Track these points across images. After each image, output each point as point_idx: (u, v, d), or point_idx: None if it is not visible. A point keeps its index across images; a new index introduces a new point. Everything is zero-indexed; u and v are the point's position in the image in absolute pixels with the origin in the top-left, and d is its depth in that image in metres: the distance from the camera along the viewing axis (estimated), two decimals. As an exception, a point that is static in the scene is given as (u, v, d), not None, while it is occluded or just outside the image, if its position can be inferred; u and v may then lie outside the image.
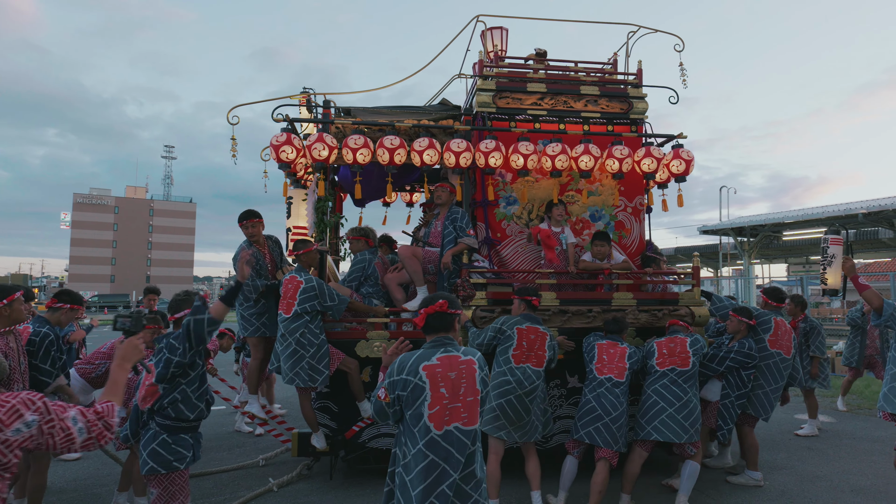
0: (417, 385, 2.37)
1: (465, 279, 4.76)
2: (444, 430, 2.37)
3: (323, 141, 4.66)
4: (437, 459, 2.35)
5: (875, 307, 3.76)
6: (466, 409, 2.41)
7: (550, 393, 5.03)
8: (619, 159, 5.11)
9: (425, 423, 2.36)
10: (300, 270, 4.55)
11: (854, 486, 4.75)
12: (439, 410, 2.37)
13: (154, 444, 3.13)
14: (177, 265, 78.42)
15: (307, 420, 4.60)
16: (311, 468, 5.15)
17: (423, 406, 2.36)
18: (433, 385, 2.38)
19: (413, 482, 2.35)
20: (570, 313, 4.91)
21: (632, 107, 5.59)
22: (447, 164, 4.89)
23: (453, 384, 2.40)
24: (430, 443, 2.36)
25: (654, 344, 4.43)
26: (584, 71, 5.73)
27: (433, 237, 5.16)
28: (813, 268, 28.62)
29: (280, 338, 4.47)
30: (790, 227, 19.86)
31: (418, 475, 2.34)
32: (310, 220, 5.31)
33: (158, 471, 3.11)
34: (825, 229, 19.68)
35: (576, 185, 5.49)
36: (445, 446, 2.36)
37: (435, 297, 2.57)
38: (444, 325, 2.52)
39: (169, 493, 3.14)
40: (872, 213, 16.37)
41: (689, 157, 5.31)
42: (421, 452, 2.35)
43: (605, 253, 5.11)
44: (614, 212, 5.54)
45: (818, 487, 4.73)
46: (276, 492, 4.63)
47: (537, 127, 5.38)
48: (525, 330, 4.12)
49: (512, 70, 5.59)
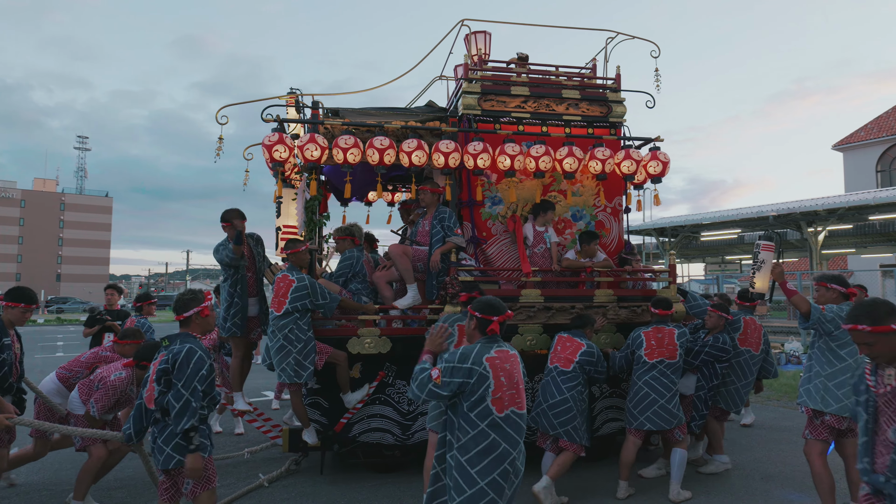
0: (482, 374, 2.70)
1: (454, 277, 4.87)
2: (504, 413, 2.70)
3: (315, 141, 4.71)
4: (498, 439, 2.67)
5: (803, 312, 3.83)
6: (520, 395, 2.78)
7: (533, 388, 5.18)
8: (602, 161, 5.30)
9: (488, 406, 2.68)
10: (291, 269, 4.60)
11: (764, 474, 5.07)
12: (501, 396, 2.70)
13: (178, 439, 3.13)
14: (91, 263, 72.38)
15: (298, 416, 4.64)
16: (299, 463, 5.23)
17: (486, 392, 2.69)
18: (495, 374, 2.72)
19: (472, 461, 2.64)
20: (555, 310, 5.07)
21: (611, 110, 5.79)
22: (436, 164, 4.99)
23: (509, 374, 2.76)
24: (492, 424, 2.68)
25: (641, 333, 4.63)
26: (565, 75, 5.92)
27: (420, 236, 5.25)
28: (728, 267, 30.15)
29: (270, 334, 4.53)
30: (708, 227, 20.70)
31: (479, 455, 2.64)
32: (300, 220, 5.34)
33: (185, 462, 3.13)
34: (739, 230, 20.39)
35: (558, 186, 5.66)
36: (506, 428, 2.69)
37: (501, 305, 2.92)
38: (503, 329, 2.92)
39: (205, 478, 3.22)
40: (782, 215, 17.20)
41: (666, 159, 5.54)
42: (483, 433, 2.66)
43: (592, 252, 5.30)
44: (595, 212, 5.73)
45: (733, 476, 5.01)
46: (267, 486, 4.66)
47: (521, 129, 5.53)
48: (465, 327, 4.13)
49: (496, 73, 5.73)
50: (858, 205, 16.21)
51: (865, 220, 18.32)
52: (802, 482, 4.77)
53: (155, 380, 3.15)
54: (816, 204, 17.58)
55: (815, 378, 3.82)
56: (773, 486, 4.78)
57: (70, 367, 4.55)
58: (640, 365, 4.56)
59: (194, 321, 3.35)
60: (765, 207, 18.88)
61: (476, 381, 2.68)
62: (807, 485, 4.60)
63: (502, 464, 2.66)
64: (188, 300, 3.36)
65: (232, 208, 4.98)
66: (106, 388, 4.10)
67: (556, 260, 5.25)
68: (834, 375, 3.75)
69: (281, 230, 5.40)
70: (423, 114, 5.51)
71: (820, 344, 3.85)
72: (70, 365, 4.57)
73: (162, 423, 3.18)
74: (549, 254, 5.30)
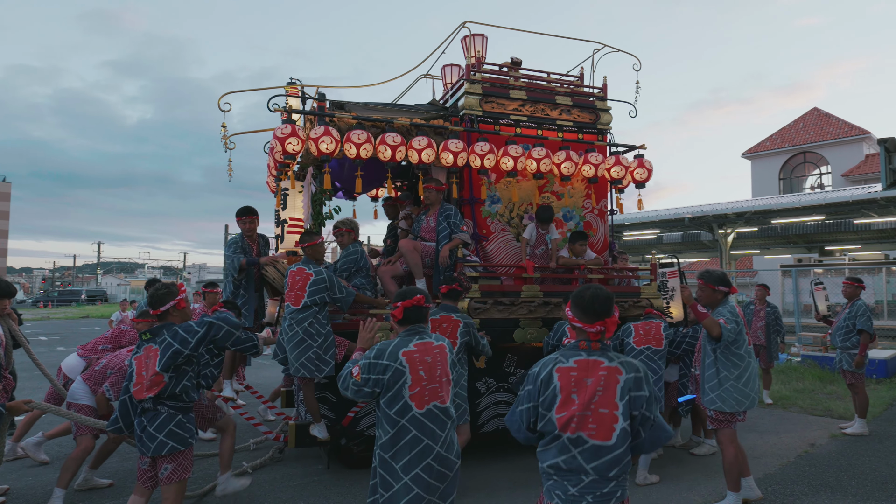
0: (398, 369, 2.60)
1: (462, 272, 5.01)
2: (425, 408, 2.61)
3: (329, 134, 4.67)
4: (419, 435, 2.58)
5: (714, 336, 4.01)
6: (442, 388, 2.68)
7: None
8: (595, 165, 5.63)
9: (406, 402, 2.59)
10: (307, 262, 4.55)
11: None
12: (419, 391, 2.61)
13: (171, 426, 3.25)
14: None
15: (310, 410, 4.61)
16: (282, 451, 5.32)
17: (403, 388, 2.59)
18: (412, 369, 2.61)
19: (396, 457, 2.57)
20: (553, 304, 5.35)
21: (598, 118, 6.14)
22: (444, 163, 5.10)
23: (430, 367, 2.65)
24: (412, 420, 2.58)
25: (631, 326, 5.04)
26: (556, 82, 6.20)
27: (425, 232, 5.35)
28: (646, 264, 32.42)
29: (286, 328, 4.46)
30: (629, 228, 22.03)
31: (402, 451, 2.57)
32: (306, 213, 5.27)
33: (178, 449, 3.27)
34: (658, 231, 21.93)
35: (551, 188, 5.94)
36: (427, 423, 2.60)
37: (411, 290, 2.84)
38: (420, 316, 2.80)
39: (182, 467, 3.33)
40: (696, 217, 18.67)
41: (650, 166, 5.95)
42: (403, 429, 2.58)
43: (582, 251, 5.62)
44: (583, 213, 6.07)
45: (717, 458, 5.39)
46: (250, 473, 4.80)
47: (518, 132, 5.74)
48: (438, 320, 4.15)
49: (494, 76, 5.90)
50: (763, 209, 17.77)
51: (769, 224, 20.18)
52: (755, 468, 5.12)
53: (161, 371, 3.18)
54: (727, 207, 19.10)
55: (725, 382, 4.09)
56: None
57: (94, 345, 4.81)
58: (629, 352, 4.95)
59: (171, 314, 3.40)
60: (681, 210, 20.30)
61: (391, 376, 2.59)
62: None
63: (425, 459, 2.58)
64: (163, 294, 3.40)
65: (246, 206, 4.97)
66: (121, 372, 4.18)
67: (555, 258, 5.53)
68: (740, 376, 4.09)
69: (287, 223, 5.29)
70: (427, 112, 5.58)
71: (722, 351, 4.12)
72: (94, 343, 4.82)
73: (153, 412, 3.25)
74: (547, 255, 5.59)
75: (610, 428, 2.20)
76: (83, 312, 32.30)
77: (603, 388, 2.23)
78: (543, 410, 2.27)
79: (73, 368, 4.81)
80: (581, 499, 2.19)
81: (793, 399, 7.91)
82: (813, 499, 4.35)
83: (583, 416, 2.21)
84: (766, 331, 7.99)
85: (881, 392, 8.24)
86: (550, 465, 2.25)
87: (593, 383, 2.24)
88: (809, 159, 27.83)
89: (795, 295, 14.78)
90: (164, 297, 3.39)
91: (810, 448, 5.68)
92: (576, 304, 2.35)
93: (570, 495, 2.20)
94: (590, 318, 2.29)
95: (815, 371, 9.73)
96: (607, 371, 2.26)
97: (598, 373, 2.26)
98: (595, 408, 2.22)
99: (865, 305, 6.32)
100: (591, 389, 2.23)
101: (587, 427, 2.21)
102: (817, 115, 28.66)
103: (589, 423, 2.21)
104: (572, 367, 2.28)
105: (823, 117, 28.36)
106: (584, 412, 2.21)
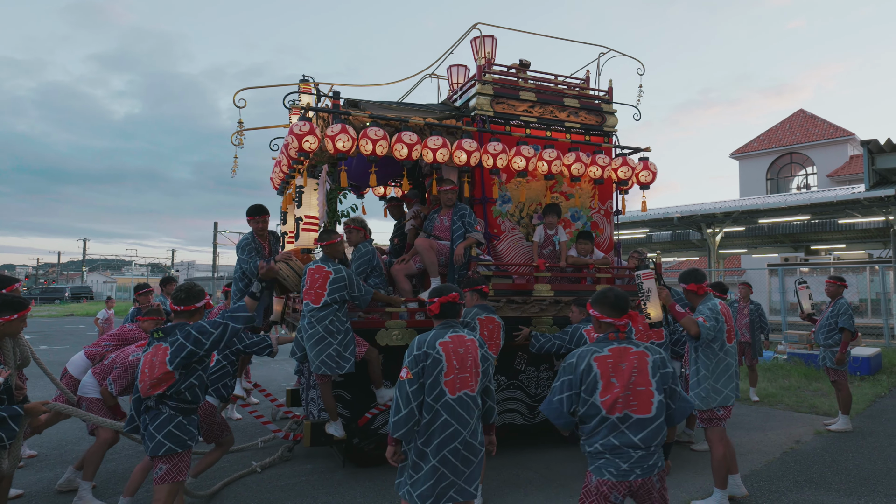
0: (436, 357, 2.85)
1: (476, 271, 5.10)
2: (456, 395, 2.85)
3: (346, 132, 4.71)
4: (450, 419, 2.81)
5: (693, 334, 4.10)
6: (473, 378, 2.91)
7: (539, 376, 5.56)
8: (602, 167, 5.74)
9: (441, 388, 2.82)
10: (326, 261, 4.60)
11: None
12: (453, 379, 2.85)
13: (170, 427, 3.22)
14: (-34, 251, 64.86)
15: (328, 408, 4.66)
16: (291, 450, 5.37)
17: (440, 375, 2.83)
18: (448, 358, 2.86)
19: (428, 440, 2.80)
20: (563, 303, 5.46)
21: (605, 120, 6.25)
22: (457, 162, 5.17)
23: (462, 358, 2.89)
24: (445, 405, 2.82)
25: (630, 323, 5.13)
26: (564, 84, 6.29)
27: (439, 231, 5.41)
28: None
29: (306, 325, 4.49)
30: (620, 227, 22.19)
31: (434, 433, 2.80)
32: (321, 210, 5.31)
33: (175, 450, 3.24)
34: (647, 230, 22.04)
35: (559, 188, 6.04)
36: (458, 409, 2.84)
37: (447, 287, 3.08)
38: (454, 312, 3.05)
39: (178, 469, 3.30)
40: (685, 217, 18.96)
41: (655, 169, 6.08)
42: (437, 414, 2.81)
43: (588, 250, 5.73)
44: (590, 213, 6.19)
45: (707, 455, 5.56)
46: (259, 472, 4.90)
47: (528, 132, 5.83)
48: (484, 320, 4.32)
49: (504, 77, 5.98)
50: (750, 209, 18.05)
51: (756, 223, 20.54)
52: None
53: (173, 369, 3.17)
54: (715, 207, 19.36)
55: (704, 381, 4.21)
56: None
57: (98, 343, 4.82)
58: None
59: (200, 312, 3.45)
60: (670, 209, 20.56)
61: (431, 363, 2.83)
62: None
63: (453, 442, 2.80)
64: (199, 292, 3.46)
65: (253, 205, 4.99)
66: (124, 367, 4.26)
67: (564, 258, 5.63)
68: (715, 372, 4.19)
69: (303, 220, 5.32)
70: (440, 111, 5.64)
71: (703, 349, 4.22)
72: (98, 342, 4.84)
73: (154, 411, 3.25)
74: (555, 254, 5.68)
75: (648, 402, 2.59)
76: (68, 310, 31.73)
77: (637, 369, 2.62)
78: (586, 396, 2.60)
79: (78, 367, 4.80)
80: (631, 472, 2.54)
81: (779, 396, 8.08)
82: (797, 495, 4.45)
83: (626, 396, 2.57)
84: (750, 328, 8.16)
85: (864, 389, 8.45)
86: (602, 445, 2.57)
87: (628, 367, 2.62)
88: (796, 160, 28.32)
89: (782, 293, 15.09)
90: (200, 294, 3.43)
91: (795, 445, 5.82)
92: (603, 304, 2.75)
93: (622, 471, 2.54)
94: (617, 312, 2.71)
95: (800, 368, 9.95)
96: (637, 355, 2.66)
97: (629, 357, 2.64)
98: (634, 387, 2.59)
99: (847, 304, 6.49)
100: (627, 372, 2.60)
101: (630, 405, 2.57)
102: (803, 116, 29.16)
103: (631, 401, 2.58)
104: (608, 355, 2.64)
105: (809, 119, 28.86)
106: (625, 392, 2.57)
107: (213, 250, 33.11)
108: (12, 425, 3.17)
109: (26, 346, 3.85)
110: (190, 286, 3.50)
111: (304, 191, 5.36)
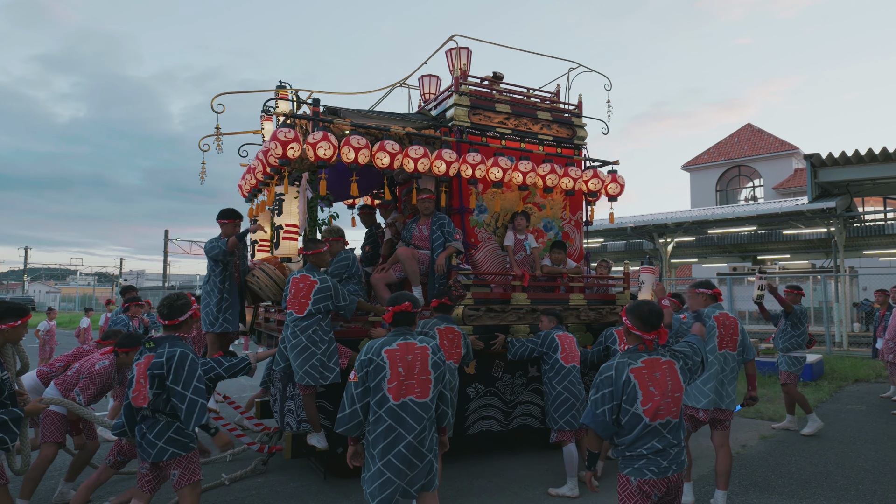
0: (379, 364, 2.99)
1: (456, 280, 5.18)
2: (400, 401, 2.97)
3: (328, 140, 4.72)
4: (393, 424, 2.95)
5: (665, 323, 4.16)
6: (419, 385, 3.03)
7: (514, 382, 5.67)
8: (574, 179, 5.94)
9: (385, 394, 2.96)
10: (312, 270, 4.58)
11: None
12: (397, 385, 2.97)
13: (170, 433, 3.29)
14: None
15: (310, 419, 4.60)
16: (265, 463, 5.30)
17: (383, 381, 2.97)
18: (392, 365, 2.99)
19: (374, 442, 2.97)
20: (539, 311, 5.59)
21: (575, 133, 6.47)
22: (436, 172, 5.25)
23: (409, 365, 3.01)
24: (388, 411, 2.96)
25: (613, 332, 5.31)
26: (536, 97, 6.48)
27: (417, 240, 5.47)
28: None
29: (289, 336, 4.46)
30: None
31: (378, 437, 2.96)
32: (301, 219, 5.28)
33: (180, 454, 3.32)
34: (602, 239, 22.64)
35: (532, 199, 6.20)
36: (401, 414, 2.97)
37: (402, 297, 3.22)
38: (408, 320, 3.19)
39: (190, 470, 3.37)
40: (638, 227, 19.67)
41: (623, 181, 6.33)
42: (380, 419, 2.96)
43: (561, 259, 5.90)
44: (562, 224, 6.37)
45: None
46: (227, 485, 4.80)
47: (503, 144, 5.97)
48: (444, 330, 4.38)
49: (480, 89, 6.12)
50: (700, 219, 18.83)
51: (706, 234, 21.40)
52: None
53: (149, 384, 3.21)
54: (667, 217, 20.08)
55: (711, 380, 4.31)
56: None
57: (52, 364, 4.69)
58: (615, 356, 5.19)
59: (187, 324, 3.47)
60: (624, 220, 21.22)
61: (373, 369, 2.97)
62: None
63: (397, 447, 2.93)
64: (182, 304, 3.44)
65: (229, 208, 4.95)
66: (91, 377, 4.27)
67: (538, 266, 5.78)
68: (707, 379, 4.31)
69: (283, 229, 5.27)
70: (419, 121, 5.72)
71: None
72: (52, 363, 4.72)
73: (151, 420, 3.30)
74: (527, 260, 5.82)
75: (679, 406, 2.81)
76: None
77: (671, 377, 2.80)
78: (626, 406, 2.74)
79: (32, 389, 4.57)
80: (669, 469, 2.74)
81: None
82: (743, 498, 4.54)
83: (665, 403, 2.75)
84: None
85: (807, 394, 8.74)
86: (647, 449, 2.74)
87: (662, 376, 2.78)
88: (744, 172, 29.68)
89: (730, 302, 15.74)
90: (183, 308, 3.40)
91: (741, 449, 5.98)
92: (636, 317, 2.86)
93: (662, 468, 2.74)
94: (647, 328, 2.83)
95: (748, 375, 10.29)
96: (667, 364, 2.83)
97: (661, 367, 2.81)
98: (671, 393, 2.78)
99: (804, 310, 6.92)
100: (662, 381, 2.77)
101: (671, 411, 2.77)
102: (751, 130, 30.63)
103: (672, 408, 2.77)
104: (642, 366, 2.79)
105: (756, 133, 30.33)
106: (665, 400, 2.75)
107: (164, 259, 31.91)
108: (13, 428, 3.17)
109: (24, 352, 3.77)
110: (173, 299, 3.45)
111: (285, 199, 5.32)
